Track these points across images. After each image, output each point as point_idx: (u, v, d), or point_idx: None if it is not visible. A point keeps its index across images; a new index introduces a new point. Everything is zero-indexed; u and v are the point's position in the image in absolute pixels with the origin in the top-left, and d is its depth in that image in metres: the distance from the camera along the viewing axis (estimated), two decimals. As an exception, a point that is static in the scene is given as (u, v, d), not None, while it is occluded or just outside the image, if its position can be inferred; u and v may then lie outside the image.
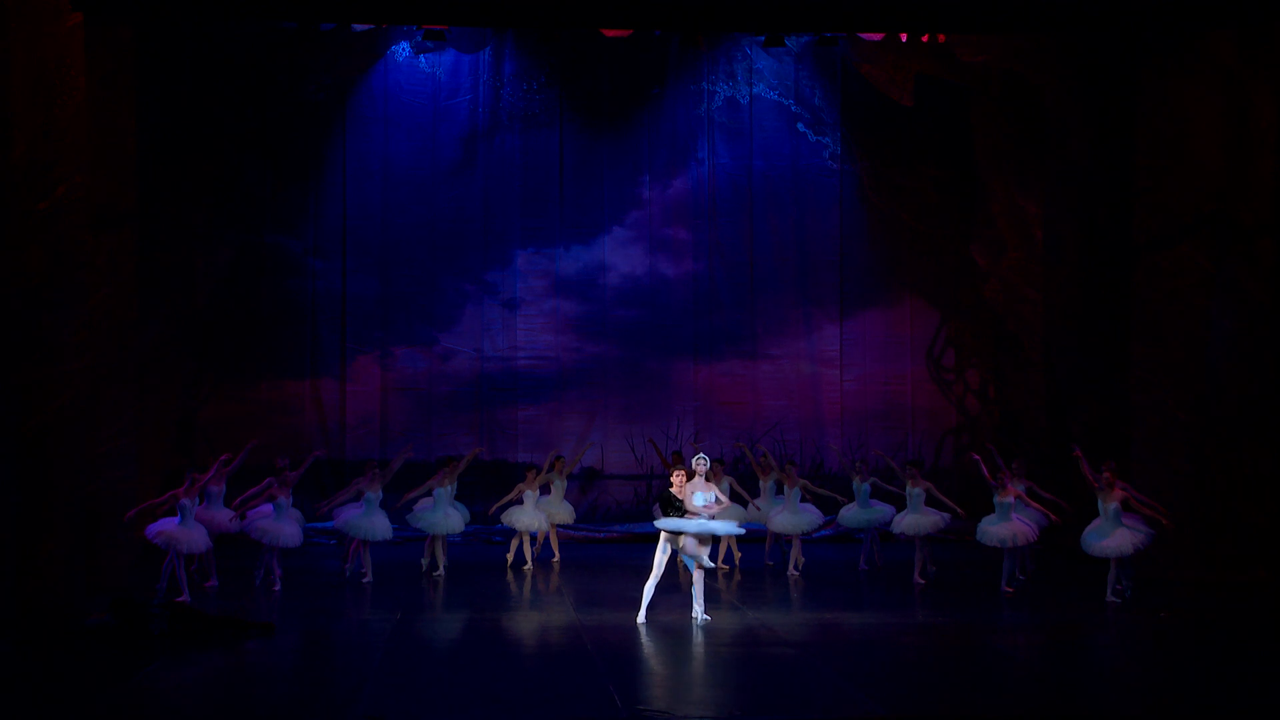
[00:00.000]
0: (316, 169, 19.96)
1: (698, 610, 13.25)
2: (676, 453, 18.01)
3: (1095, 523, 14.89)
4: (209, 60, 19.10)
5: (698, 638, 12.59)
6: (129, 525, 15.30)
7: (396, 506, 16.37)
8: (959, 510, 16.19)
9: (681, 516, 13.03)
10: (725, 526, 13.53)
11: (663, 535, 13.17)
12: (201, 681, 11.14)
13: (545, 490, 17.57)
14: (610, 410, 20.32)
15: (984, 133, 20.16)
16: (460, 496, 16.96)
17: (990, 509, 15.58)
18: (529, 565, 17.20)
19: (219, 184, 19.51)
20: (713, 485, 13.40)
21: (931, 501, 16.25)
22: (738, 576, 16.49)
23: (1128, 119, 16.80)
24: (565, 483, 17.94)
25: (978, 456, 16.23)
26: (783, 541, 17.24)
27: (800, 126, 20.58)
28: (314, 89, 19.82)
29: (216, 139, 19.46)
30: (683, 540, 13.03)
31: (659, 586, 13.26)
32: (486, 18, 17.24)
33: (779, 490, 17.25)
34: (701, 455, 13.51)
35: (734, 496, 17.05)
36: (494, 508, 17.75)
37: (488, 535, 19.13)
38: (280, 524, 15.22)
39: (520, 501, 17.20)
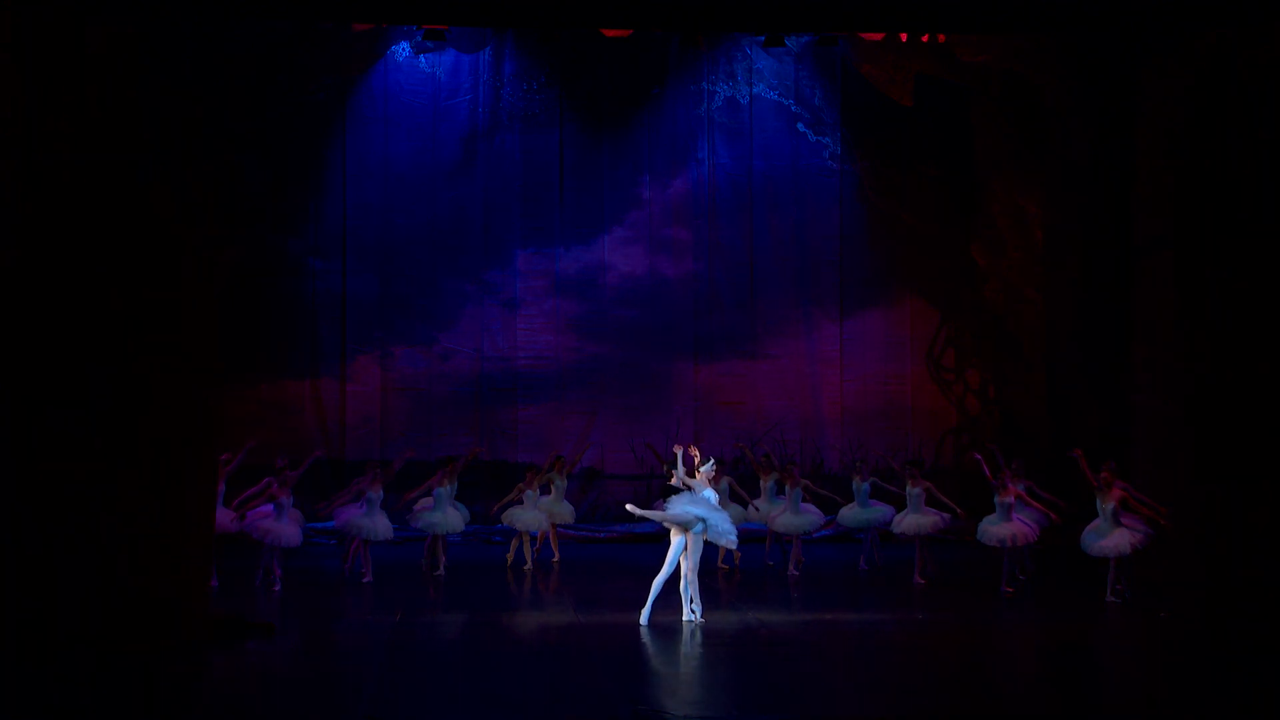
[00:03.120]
0: (316, 169, 19.95)
1: (688, 610, 13.25)
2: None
3: (1094, 523, 14.89)
4: (209, 60, 19.08)
5: (697, 638, 12.60)
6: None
7: (397, 507, 16.38)
8: (959, 510, 16.19)
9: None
10: (718, 520, 13.44)
11: (673, 529, 13.20)
12: (201, 681, 11.14)
13: (545, 490, 17.58)
14: (610, 410, 20.32)
15: (984, 133, 20.16)
16: (460, 496, 16.96)
17: (990, 509, 15.58)
18: (529, 565, 17.20)
19: (219, 184, 19.50)
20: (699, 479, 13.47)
21: (931, 501, 16.25)
22: (738, 576, 16.49)
23: (1128, 119, 16.80)
24: (565, 482, 17.95)
25: (979, 455, 16.24)
26: (783, 541, 17.24)
27: (800, 126, 20.57)
28: (314, 89, 19.81)
29: (216, 139, 19.45)
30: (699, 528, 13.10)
31: (665, 585, 13.23)
32: (486, 18, 17.23)
33: (779, 490, 17.26)
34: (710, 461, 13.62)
35: (734, 497, 17.08)
36: (495, 508, 17.76)
37: (488, 535, 19.13)
38: (280, 524, 15.21)
39: (521, 501, 17.21)
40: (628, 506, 13.38)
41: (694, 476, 13.52)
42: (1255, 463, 12.45)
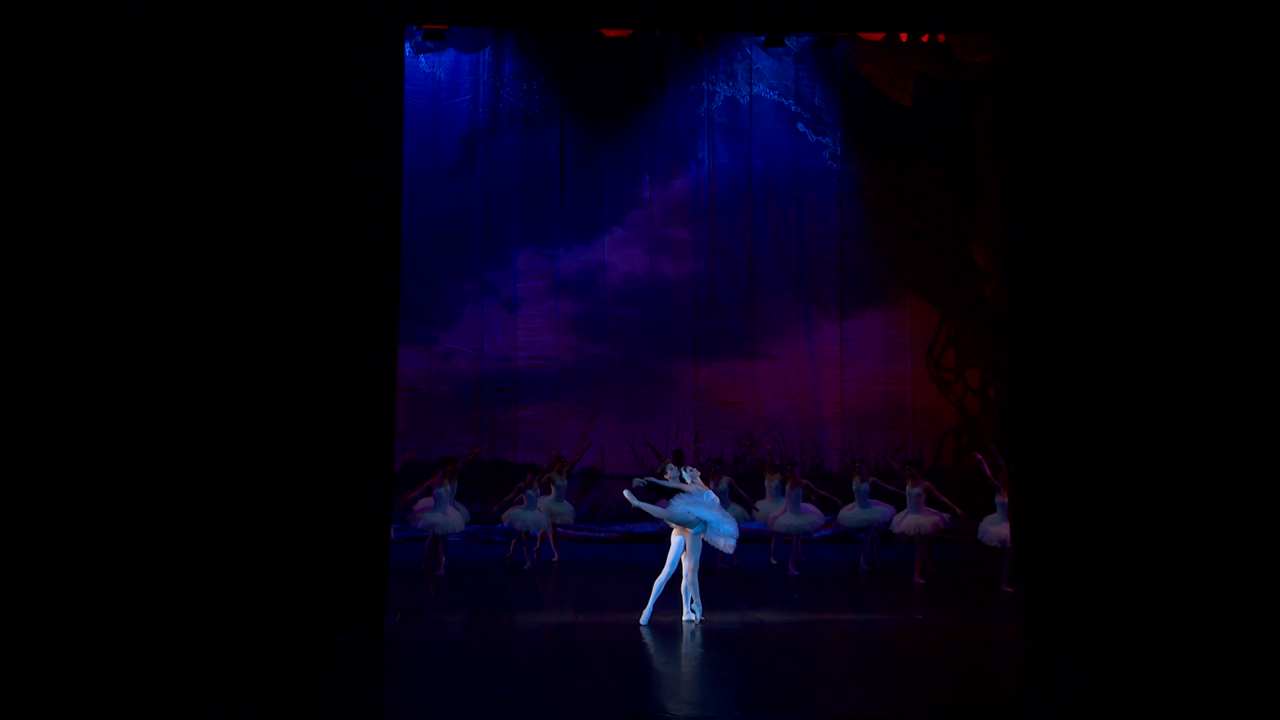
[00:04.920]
0: (316, 169, 19.94)
1: (688, 610, 13.25)
2: (678, 451, 18.04)
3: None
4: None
5: (697, 638, 12.60)
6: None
7: (397, 507, 16.36)
8: (959, 510, 16.20)
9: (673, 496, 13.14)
10: (717, 522, 13.38)
11: (674, 529, 13.20)
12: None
13: (545, 490, 17.58)
14: (610, 410, 20.34)
15: (984, 133, 20.16)
16: (460, 496, 16.97)
17: (990, 509, 15.58)
18: (529, 565, 17.21)
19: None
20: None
21: (931, 501, 16.26)
22: (738, 576, 16.49)
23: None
24: (566, 482, 17.95)
25: (979, 455, 16.25)
26: (784, 541, 17.25)
27: (800, 126, 20.59)
28: (314, 89, 19.80)
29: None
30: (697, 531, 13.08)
31: (667, 586, 13.23)
32: (486, 18, 17.23)
33: (783, 490, 17.27)
34: (671, 467, 13.58)
35: (734, 497, 17.09)
36: (496, 508, 17.76)
37: (488, 535, 19.14)
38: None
39: (521, 501, 17.22)
40: (625, 493, 13.37)
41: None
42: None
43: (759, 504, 17.37)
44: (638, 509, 13.40)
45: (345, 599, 12.15)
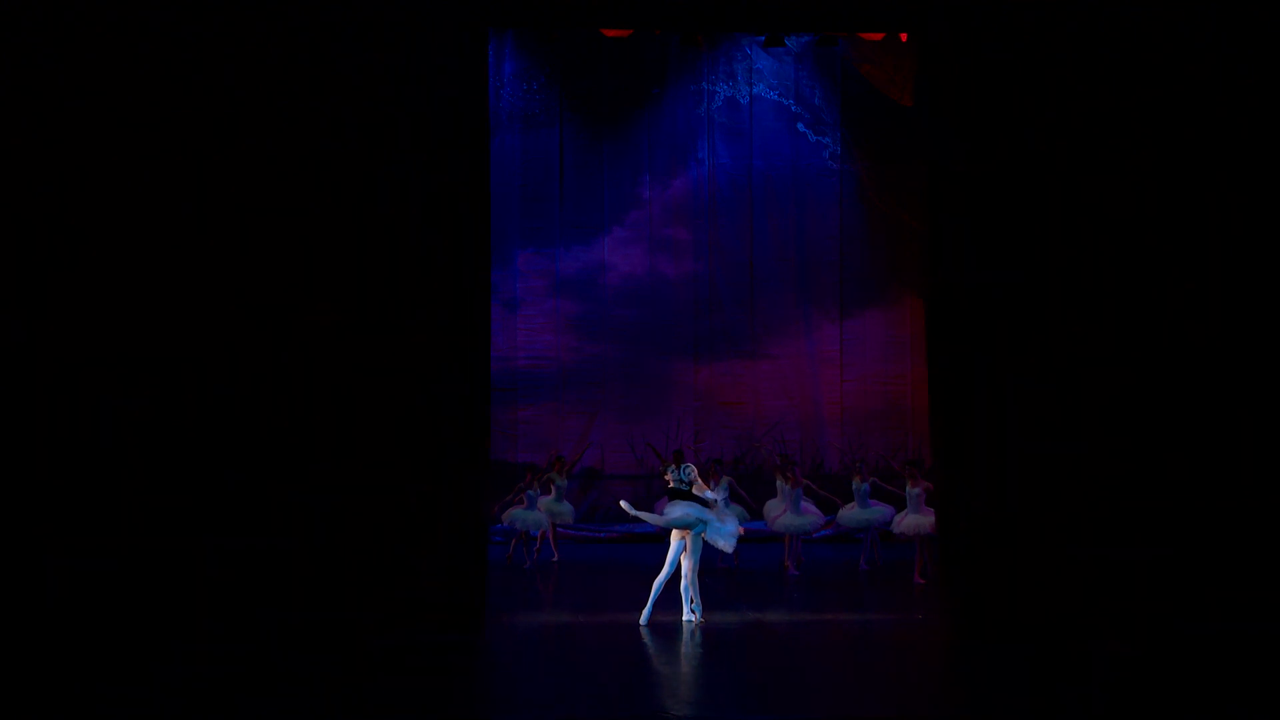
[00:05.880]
0: (317, 169, 19.93)
1: (688, 610, 13.24)
2: (678, 451, 18.02)
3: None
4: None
5: (697, 638, 12.60)
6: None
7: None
8: (959, 510, 16.17)
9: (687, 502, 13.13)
10: (710, 521, 13.38)
11: (674, 530, 13.20)
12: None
13: (545, 490, 17.58)
14: (610, 410, 20.33)
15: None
16: (460, 496, 16.95)
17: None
18: (529, 565, 17.21)
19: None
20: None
21: (931, 501, 16.22)
22: (738, 576, 16.49)
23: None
24: (566, 482, 17.95)
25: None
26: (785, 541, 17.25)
27: (800, 126, 20.59)
28: (315, 89, 19.80)
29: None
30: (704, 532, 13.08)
31: (665, 585, 13.24)
32: (488, 18, 17.21)
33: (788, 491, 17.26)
34: (672, 467, 13.56)
35: (734, 497, 17.08)
36: (495, 508, 17.74)
37: (487, 535, 19.11)
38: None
39: (521, 501, 17.22)
40: (621, 503, 13.36)
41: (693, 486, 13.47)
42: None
43: (768, 503, 17.32)
44: (635, 515, 13.37)
45: (444, 597, 12.21)
